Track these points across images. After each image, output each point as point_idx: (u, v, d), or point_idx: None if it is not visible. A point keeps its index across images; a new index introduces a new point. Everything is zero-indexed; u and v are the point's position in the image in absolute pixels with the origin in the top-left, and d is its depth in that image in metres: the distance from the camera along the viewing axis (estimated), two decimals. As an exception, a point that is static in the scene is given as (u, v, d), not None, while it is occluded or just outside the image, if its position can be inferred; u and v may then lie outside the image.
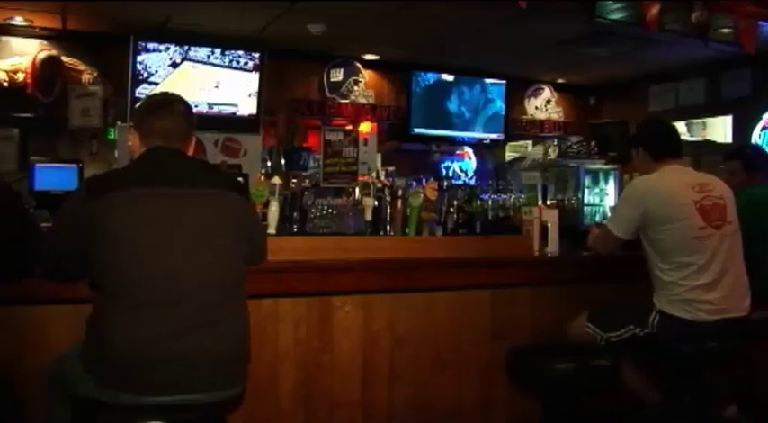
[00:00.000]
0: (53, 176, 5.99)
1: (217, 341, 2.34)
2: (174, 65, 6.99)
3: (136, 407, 2.27)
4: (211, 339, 2.33)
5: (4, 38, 7.12)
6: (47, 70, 7.16)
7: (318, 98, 8.62)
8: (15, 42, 7.15)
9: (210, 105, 7.15)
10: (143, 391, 2.26)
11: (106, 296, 2.33)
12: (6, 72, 7.02)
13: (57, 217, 2.50)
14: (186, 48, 7.02)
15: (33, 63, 7.13)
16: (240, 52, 7.26)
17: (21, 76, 7.07)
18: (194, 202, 2.42)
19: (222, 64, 7.19)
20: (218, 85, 7.20)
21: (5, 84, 7.01)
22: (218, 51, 7.17)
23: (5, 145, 6.52)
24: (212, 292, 2.36)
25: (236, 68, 7.27)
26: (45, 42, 7.24)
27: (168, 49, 6.95)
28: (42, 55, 7.16)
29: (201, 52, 7.11)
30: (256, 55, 7.33)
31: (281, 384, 3.29)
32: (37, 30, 7.12)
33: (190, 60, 7.07)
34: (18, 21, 6.90)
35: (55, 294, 2.71)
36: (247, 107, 7.33)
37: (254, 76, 7.34)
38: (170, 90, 5.59)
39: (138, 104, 2.68)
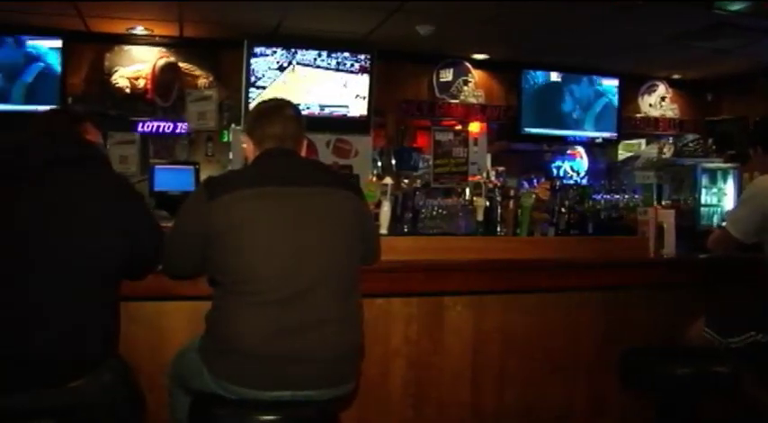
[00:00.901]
0: (172, 178, 6.25)
1: (333, 339, 2.38)
2: (282, 68, 7.14)
3: (253, 401, 2.32)
4: (328, 337, 2.36)
5: (126, 47, 7.46)
6: (165, 76, 7.49)
7: (428, 98, 8.63)
8: (136, 50, 7.49)
9: (322, 107, 7.26)
10: (260, 387, 2.32)
11: (225, 293, 2.40)
12: (129, 79, 7.38)
13: (178, 216, 2.58)
14: (295, 51, 7.16)
15: (153, 69, 7.47)
16: (349, 54, 7.35)
17: (141, 83, 7.42)
18: (310, 201, 2.45)
19: (332, 67, 7.29)
20: (332, 88, 7.32)
21: (127, 90, 7.36)
22: (327, 54, 7.27)
23: (128, 148, 6.81)
24: (330, 291, 2.39)
25: (345, 71, 7.37)
26: (164, 49, 7.56)
27: (276, 52, 7.11)
28: (161, 62, 7.50)
29: (311, 55, 7.23)
30: (366, 57, 7.40)
31: (391, 383, 3.32)
32: (156, 38, 7.44)
33: (300, 64, 7.20)
34: (139, 30, 7.21)
35: (174, 291, 2.79)
36: (358, 108, 7.41)
37: (364, 78, 7.41)
38: (280, 93, 5.75)
39: (249, 111, 2.75)
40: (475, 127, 7.03)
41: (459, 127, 7.10)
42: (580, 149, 9.34)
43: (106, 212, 2.29)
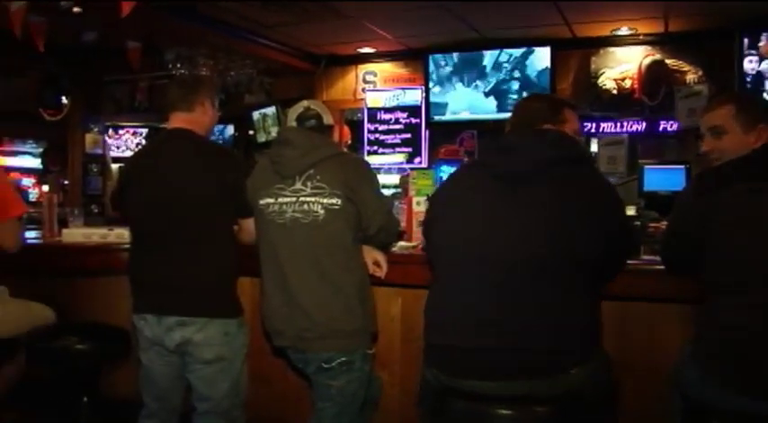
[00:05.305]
0: (661, 177, 6.17)
1: None
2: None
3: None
4: None
5: (611, 48, 7.59)
6: (652, 74, 7.43)
7: None
8: (621, 51, 7.57)
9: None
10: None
11: (712, 292, 2.35)
12: (615, 80, 7.52)
13: (673, 212, 2.61)
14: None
15: (639, 69, 7.47)
16: None
17: (628, 83, 7.49)
18: None
19: None
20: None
21: (614, 91, 7.52)
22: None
23: (616, 149, 6.86)
24: None
25: None
26: (649, 47, 7.49)
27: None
28: (647, 60, 7.45)
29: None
30: None
31: None
32: (641, 37, 7.43)
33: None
34: (623, 31, 7.28)
35: (665, 293, 2.80)
36: None
37: None
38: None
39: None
40: None
41: None
42: None
43: (588, 212, 2.34)
